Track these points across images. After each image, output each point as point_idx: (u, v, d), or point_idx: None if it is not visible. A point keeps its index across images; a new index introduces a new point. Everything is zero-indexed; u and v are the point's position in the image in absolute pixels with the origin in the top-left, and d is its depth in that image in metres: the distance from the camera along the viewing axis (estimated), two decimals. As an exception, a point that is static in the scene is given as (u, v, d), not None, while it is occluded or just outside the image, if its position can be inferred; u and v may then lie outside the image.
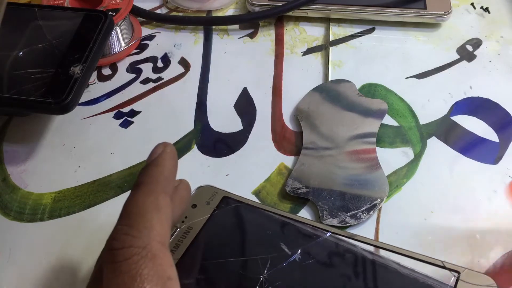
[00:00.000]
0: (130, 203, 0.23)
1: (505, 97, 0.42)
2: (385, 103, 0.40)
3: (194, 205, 0.32)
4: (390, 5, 0.46)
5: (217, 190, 0.33)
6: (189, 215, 0.31)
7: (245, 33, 0.48)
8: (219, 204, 0.32)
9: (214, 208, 0.32)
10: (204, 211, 0.31)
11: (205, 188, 0.33)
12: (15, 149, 0.40)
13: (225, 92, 0.43)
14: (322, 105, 0.40)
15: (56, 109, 0.36)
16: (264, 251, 0.29)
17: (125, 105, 0.42)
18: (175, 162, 0.26)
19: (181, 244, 0.30)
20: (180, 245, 0.30)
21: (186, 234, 0.30)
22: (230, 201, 0.32)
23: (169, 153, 0.26)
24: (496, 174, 0.37)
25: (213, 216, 0.31)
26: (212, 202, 0.32)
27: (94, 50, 0.38)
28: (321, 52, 0.46)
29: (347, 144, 0.38)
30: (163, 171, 0.25)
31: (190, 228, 0.31)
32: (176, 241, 0.30)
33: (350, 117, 0.39)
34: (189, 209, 0.31)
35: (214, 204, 0.32)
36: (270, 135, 0.40)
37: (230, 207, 0.32)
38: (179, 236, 0.30)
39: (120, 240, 0.22)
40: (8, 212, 0.36)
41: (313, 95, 0.41)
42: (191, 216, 0.31)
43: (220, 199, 0.32)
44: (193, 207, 0.32)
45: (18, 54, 0.39)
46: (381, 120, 0.39)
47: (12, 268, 0.34)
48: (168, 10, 0.50)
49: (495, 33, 0.47)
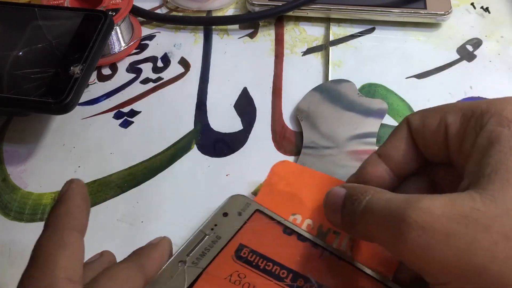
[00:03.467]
0: (36, 246, 0.24)
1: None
2: (385, 103, 0.40)
3: (225, 213, 0.31)
4: (390, 5, 0.46)
5: (250, 202, 0.32)
6: (219, 223, 0.31)
7: (245, 33, 0.48)
8: (251, 217, 0.31)
9: (245, 220, 0.31)
10: (235, 221, 0.31)
11: (238, 197, 0.32)
12: (15, 149, 0.40)
13: (225, 92, 0.43)
14: (322, 105, 0.40)
15: (56, 109, 0.36)
16: (292, 278, 0.28)
17: (125, 105, 0.42)
18: (83, 197, 0.26)
19: (208, 252, 0.29)
20: (206, 253, 0.29)
21: (214, 243, 0.30)
22: (263, 215, 0.31)
23: (75, 189, 0.26)
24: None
25: (243, 229, 0.30)
26: (244, 214, 0.31)
27: (94, 50, 0.38)
28: (321, 52, 0.46)
29: (347, 144, 0.38)
30: (68, 209, 0.25)
31: (218, 237, 0.30)
32: (203, 248, 0.29)
33: (350, 117, 0.39)
34: (220, 217, 0.31)
35: (246, 216, 0.31)
36: (270, 135, 0.40)
37: (262, 222, 0.31)
38: (206, 244, 0.30)
39: (24, 285, 0.22)
40: (8, 212, 0.36)
41: (313, 95, 0.41)
42: (221, 224, 0.30)
43: (252, 211, 0.31)
44: (224, 216, 0.31)
45: (18, 54, 0.39)
46: (381, 120, 0.39)
47: (12, 268, 0.34)
48: (168, 10, 0.50)
49: (495, 33, 0.47)
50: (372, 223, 0.25)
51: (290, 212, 0.32)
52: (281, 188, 0.33)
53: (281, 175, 0.34)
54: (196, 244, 0.29)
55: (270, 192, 0.33)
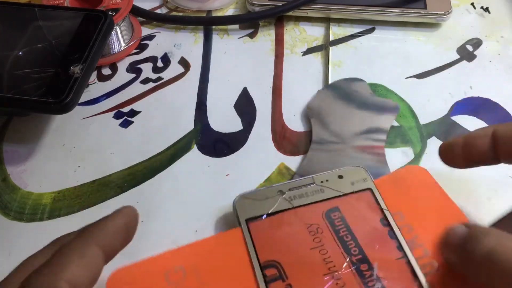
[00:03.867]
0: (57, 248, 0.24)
1: (505, 97, 0.42)
2: (397, 104, 0.40)
3: (340, 176, 0.33)
4: (390, 5, 0.47)
5: (367, 178, 0.33)
6: (330, 181, 0.33)
7: (245, 33, 0.48)
8: (360, 192, 0.32)
9: (354, 191, 0.32)
10: (345, 187, 0.33)
11: (359, 169, 0.33)
12: (15, 149, 0.40)
13: (225, 92, 0.43)
14: (334, 103, 0.40)
15: (56, 109, 0.36)
16: (360, 259, 0.29)
17: (125, 105, 0.42)
18: (127, 226, 0.26)
19: (306, 197, 0.32)
20: (304, 197, 0.32)
21: (316, 193, 0.32)
22: (371, 196, 0.32)
23: (124, 214, 0.26)
24: (496, 174, 0.37)
25: (347, 196, 0.32)
26: (356, 185, 0.33)
27: (94, 50, 0.38)
28: (321, 52, 0.46)
29: (356, 139, 0.38)
30: (105, 227, 0.25)
31: (322, 191, 0.32)
32: (304, 192, 0.32)
33: (361, 116, 0.39)
34: (334, 176, 0.33)
35: (356, 188, 0.32)
36: (270, 135, 0.40)
37: (367, 201, 0.32)
38: (309, 190, 0.32)
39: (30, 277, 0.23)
40: (8, 212, 0.36)
41: (325, 93, 0.41)
42: (331, 182, 0.33)
43: (364, 187, 0.32)
44: (339, 177, 0.33)
45: (18, 54, 0.39)
46: (392, 121, 0.39)
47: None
48: (168, 10, 0.50)
49: (495, 33, 0.47)
50: (495, 272, 0.24)
51: (398, 210, 0.32)
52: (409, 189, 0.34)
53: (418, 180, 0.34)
54: (301, 185, 0.32)
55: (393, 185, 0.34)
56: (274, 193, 0.32)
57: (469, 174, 0.37)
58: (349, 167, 0.33)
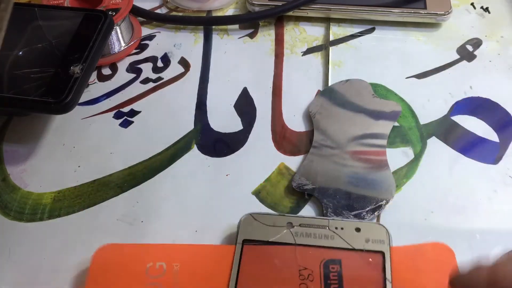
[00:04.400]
0: None
1: (505, 97, 0.42)
2: (399, 105, 0.40)
3: (358, 229, 0.31)
4: (390, 5, 0.46)
5: (385, 240, 0.30)
6: (346, 230, 0.30)
7: (245, 33, 0.48)
8: (372, 253, 0.30)
9: (365, 249, 0.30)
10: (357, 242, 0.30)
11: (382, 229, 0.31)
12: (15, 149, 0.40)
13: (225, 92, 0.43)
14: (336, 104, 0.40)
15: (56, 109, 0.36)
16: None
17: (125, 105, 0.42)
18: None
19: (312, 238, 0.30)
20: (310, 237, 0.30)
21: (324, 237, 0.30)
22: (380, 264, 0.30)
23: None
24: (496, 174, 0.37)
25: (355, 252, 0.30)
26: (370, 244, 0.30)
27: (94, 49, 0.38)
28: (321, 52, 0.46)
29: (357, 144, 0.38)
30: None
31: (332, 237, 0.30)
32: (312, 232, 0.30)
33: (363, 118, 0.39)
34: (351, 226, 0.31)
35: (370, 246, 0.30)
36: (270, 135, 0.40)
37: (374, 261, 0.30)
38: (318, 232, 0.30)
39: None
40: (8, 212, 0.36)
41: (327, 94, 0.41)
42: (345, 233, 0.30)
43: (378, 249, 0.30)
44: (356, 230, 0.31)
45: (18, 54, 0.39)
46: (394, 122, 0.39)
47: (12, 268, 0.34)
48: (168, 10, 0.50)
49: (495, 33, 0.47)
50: None
51: (402, 285, 0.30)
52: None
53: None
54: (313, 225, 0.31)
55: None
56: (283, 222, 0.30)
57: (469, 174, 0.37)
58: (372, 222, 0.31)
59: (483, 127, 0.40)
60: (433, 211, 0.35)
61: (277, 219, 0.31)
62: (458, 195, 0.36)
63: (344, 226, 0.31)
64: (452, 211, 0.35)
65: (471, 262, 0.24)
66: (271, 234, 0.30)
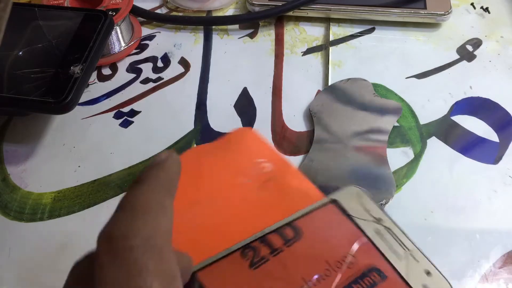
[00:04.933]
0: (134, 197, 0.20)
1: (505, 97, 0.42)
2: (400, 104, 0.40)
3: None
4: (390, 5, 0.47)
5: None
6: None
7: (245, 33, 0.48)
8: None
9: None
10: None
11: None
12: (15, 149, 0.40)
13: (225, 92, 0.43)
14: (337, 103, 0.40)
15: (56, 109, 0.36)
16: None
17: (125, 105, 0.42)
18: (179, 171, 0.23)
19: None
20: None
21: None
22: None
23: (175, 160, 0.23)
24: (496, 174, 0.37)
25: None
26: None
27: (94, 50, 0.38)
28: (321, 52, 0.46)
29: (358, 144, 0.38)
30: (168, 174, 0.22)
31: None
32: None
33: (364, 116, 0.39)
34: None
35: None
36: (270, 135, 0.40)
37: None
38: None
39: (122, 228, 0.19)
40: (8, 212, 0.36)
41: (328, 93, 0.41)
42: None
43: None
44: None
45: (18, 54, 0.39)
46: (395, 121, 0.39)
47: (12, 268, 0.34)
48: (168, 10, 0.50)
49: (495, 33, 0.47)
50: None
51: None
52: None
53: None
54: (396, 237, 0.28)
55: None
56: (376, 213, 0.29)
57: (469, 174, 0.37)
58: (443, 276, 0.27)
59: (483, 127, 0.40)
60: (433, 211, 0.35)
61: (373, 208, 0.29)
62: (458, 195, 0.36)
63: (420, 264, 0.27)
64: (452, 211, 0.35)
65: None
66: (358, 213, 0.29)
